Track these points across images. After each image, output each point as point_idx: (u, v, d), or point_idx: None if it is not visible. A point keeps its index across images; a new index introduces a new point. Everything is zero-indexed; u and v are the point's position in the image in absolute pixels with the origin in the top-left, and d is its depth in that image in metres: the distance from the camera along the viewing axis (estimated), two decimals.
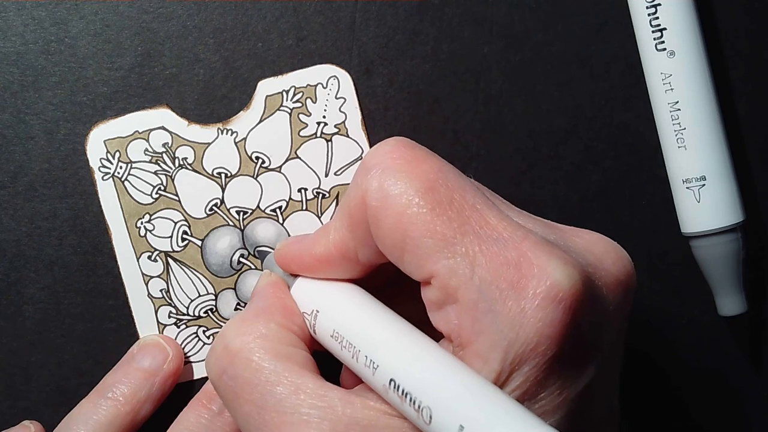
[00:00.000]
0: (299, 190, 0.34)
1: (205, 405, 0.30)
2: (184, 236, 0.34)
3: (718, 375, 0.35)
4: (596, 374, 0.23)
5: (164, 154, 0.33)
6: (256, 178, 0.34)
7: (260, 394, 0.24)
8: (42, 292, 0.34)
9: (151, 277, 0.33)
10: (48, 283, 0.34)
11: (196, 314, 0.34)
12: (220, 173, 0.34)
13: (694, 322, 0.35)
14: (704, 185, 0.33)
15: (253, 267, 0.34)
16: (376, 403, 0.23)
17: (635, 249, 0.25)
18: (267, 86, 0.34)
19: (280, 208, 0.34)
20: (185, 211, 0.34)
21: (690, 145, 0.33)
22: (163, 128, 0.34)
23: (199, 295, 0.34)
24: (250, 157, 0.34)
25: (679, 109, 0.33)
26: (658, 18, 0.33)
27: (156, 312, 0.33)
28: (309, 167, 0.34)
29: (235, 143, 0.34)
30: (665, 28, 0.33)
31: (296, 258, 0.28)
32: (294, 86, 0.34)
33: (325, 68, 0.34)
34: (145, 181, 0.33)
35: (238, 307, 0.34)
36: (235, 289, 0.34)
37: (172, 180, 0.33)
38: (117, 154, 0.33)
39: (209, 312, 0.34)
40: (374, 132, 0.34)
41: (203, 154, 0.34)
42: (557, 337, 0.22)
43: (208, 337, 0.34)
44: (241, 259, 0.34)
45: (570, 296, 0.22)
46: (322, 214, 0.34)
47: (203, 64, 0.34)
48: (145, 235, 0.33)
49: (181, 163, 0.34)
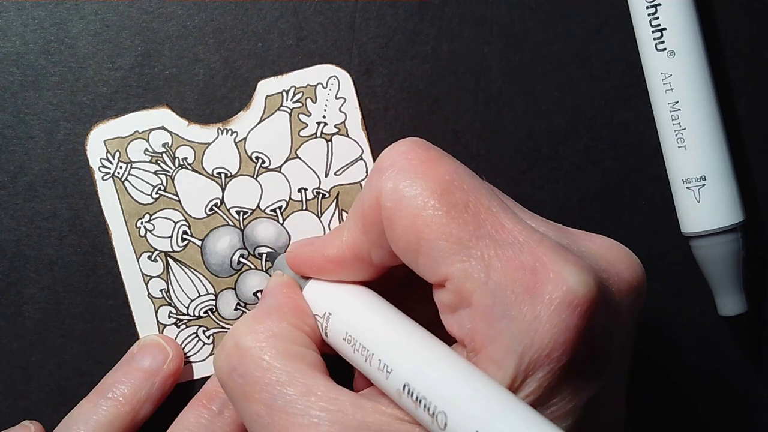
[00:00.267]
0: (299, 190, 0.34)
1: (205, 405, 0.30)
2: (184, 236, 0.34)
3: (718, 375, 0.35)
4: (607, 379, 0.23)
5: (164, 154, 0.33)
6: (256, 178, 0.34)
7: (270, 394, 0.24)
8: (42, 292, 0.34)
9: (151, 277, 0.33)
10: (48, 283, 0.34)
11: (196, 314, 0.34)
12: (220, 173, 0.34)
13: (694, 322, 0.35)
14: (704, 185, 0.33)
15: (253, 267, 0.34)
16: (388, 408, 0.23)
17: (635, 249, 0.25)
18: (267, 86, 0.34)
19: (280, 208, 0.34)
20: (185, 211, 0.34)
21: (690, 145, 0.33)
22: (163, 128, 0.34)
23: (199, 295, 0.34)
24: (250, 157, 0.34)
25: (679, 109, 0.33)
26: (658, 18, 0.33)
27: (156, 312, 0.33)
28: (309, 167, 0.34)
29: (235, 143, 0.34)
30: (665, 28, 0.33)
31: (308, 260, 0.28)
32: (294, 86, 0.34)
33: (325, 68, 0.34)
34: (145, 181, 0.33)
35: (238, 307, 0.34)
36: (235, 289, 0.34)
37: (172, 180, 0.33)
38: (117, 154, 0.33)
39: (209, 312, 0.34)
40: (374, 132, 0.34)
41: (203, 154, 0.34)
42: (572, 343, 0.21)
43: (208, 337, 0.34)
44: (241, 259, 0.34)
45: (585, 302, 0.22)
46: (322, 214, 0.34)
47: (203, 64, 0.34)
48: (145, 235, 0.33)
49: (181, 163, 0.33)
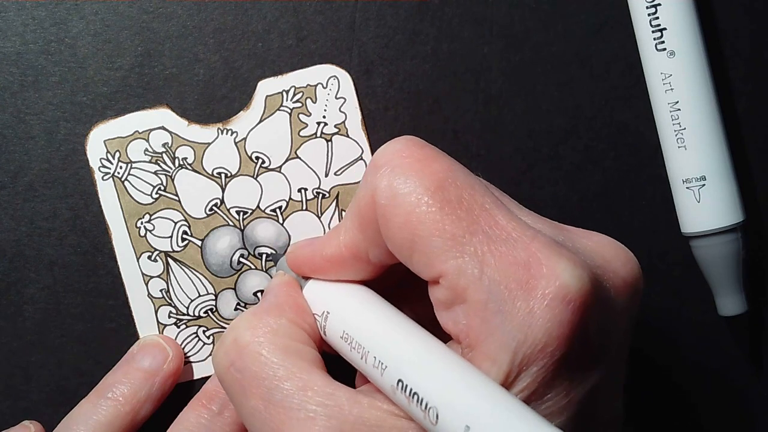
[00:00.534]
0: (299, 190, 0.34)
1: (205, 405, 0.30)
2: (184, 236, 0.34)
3: (718, 375, 0.35)
4: (603, 376, 0.23)
5: (164, 154, 0.33)
6: (256, 178, 0.34)
7: (267, 389, 0.24)
8: (42, 292, 0.34)
9: (151, 277, 0.33)
10: (48, 283, 0.34)
11: (196, 314, 0.34)
12: (220, 173, 0.34)
13: (694, 322, 0.35)
14: (704, 185, 0.33)
15: (252, 267, 0.34)
16: (384, 404, 0.23)
17: (635, 249, 0.25)
18: (267, 86, 0.34)
19: (280, 208, 0.34)
20: (185, 211, 0.34)
21: (690, 145, 0.33)
22: (163, 128, 0.34)
23: (199, 295, 0.34)
24: (250, 157, 0.34)
25: (679, 109, 0.33)
26: (658, 18, 0.33)
27: (156, 312, 0.33)
28: (309, 167, 0.34)
29: (235, 143, 0.34)
30: (665, 28, 0.33)
31: (308, 260, 0.28)
32: (294, 86, 0.34)
33: (325, 68, 0.34)
34: (145, 181, 0.33)
35: (238, 307, 0.34)
36: (235, 289, 0.34)
37: (172, 180, 0.33)
38: (117, 154, 0.33)
39: (209, 312, 0.34)
40: (374, 132, 0.34)
41: (203, 154, 0.34)
42: (565, 338, 0.22)
43: (208, 337, 0.34)
44: (241, 259, 0.34)
45: (579, 297, 0.22)
46: (322, 214, 0.34)
47: (203, 64, 0.34)
48: (145, 235, 0.33)
49: (181, 163, 0.33)
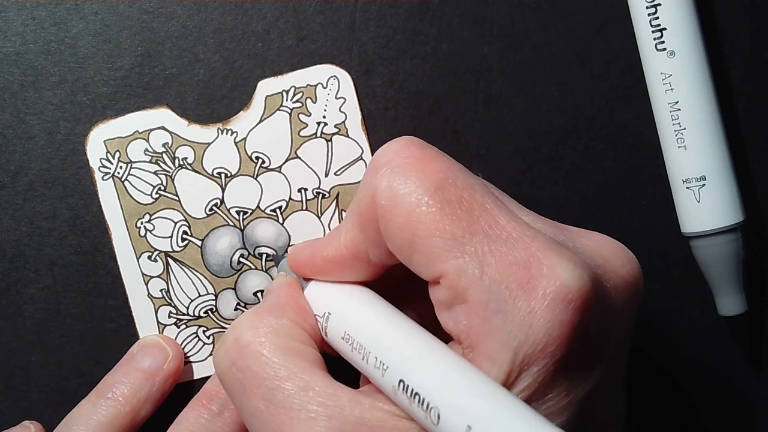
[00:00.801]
0: (299, 190, 0.34)
1: (205, 405, 0.30)
2: (184, 236, 0.34)
3: (718, 375, 0.35)
4: (603, 376, 0.23)
5: (164, 154, 0.33)
6: (256, 178, 0.34)
7: (268, 389, 0.24)
8: (42, 292, 0.34)
9: (151, 277, 0.33)
10: (48, 283, 0.34)
11: (196, 314, 0.34)
12: (220, 173, 0.34)
13: (694, 322, 0.35)
14: (704, 185, 0.33)
15: (252, 267, 0.34)
16: (385, 404, 0.23)
17: (635, 249, 0.25)
18: (267, 86, 0.34)
19: (280, 208, 0.34)
20: (185, 211, 0.34)
21: (690, 145, 0.33)
22: (163, 128, 0.34)
23: (199, 295, 0.34)
24: (250, 157, 0.34)
25: (679, 109, 0.33)
26: (658, 18, 0.33)
27: (156, 312, 0.33)
28: (309, 167, 0.34)
29: (235, 143, 0.34)
30: (665, 28, 0.33)
31: (308, 261, 0.28)
32: (294, 86, 0.34)
33: (325, 68, 0.34)
34: (145, 181, 0.33)
35: (238, 307, 0.34)
36: (235, 289, 0.34)
37: (172, 180, 0.33)
38: (117, 154, 0.33)
39: (209, 312, 0.34)
40: (374, 132, 0.34)
41: (203, 154, 0.34)
42: (566, 338, 0.22)
43: (208, 337, 0.34)
44: (241, 259, 0.34)
45: (579, 297, 0.22)
46: (322, 214, 0.34)
47: (203, 64, 0.34)
48: (145, 235, 0.33)
49: (181, 163, 0.33)
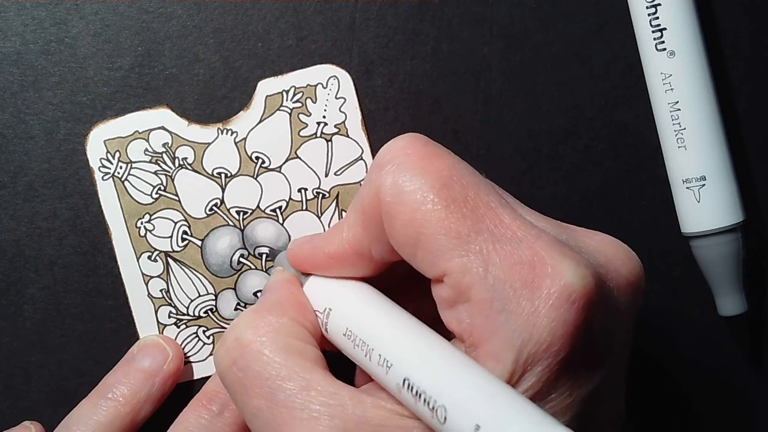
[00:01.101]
0: (299, 190, 0.34)
1: (205, 405, 0.30)
2: (184, 236, 0.34)
3: (718, 375, 0.35)
4: (606, 375, 0.23)
5: (164, 154, 0.33)
6: (256, 178, 0.34)
7: (270, 389, 0.24)
8: (42, 292, 0.34)
9: (151, 277, 0.33)
10: (48, 283, 0.34)
11: (196, 314, 0.34)
12: (220, 173, 0.34)
13: (694, 322, 0.35)
14: (704, 185, 0.33)
15: (253, 267, 0.34)
16: (388, 403, 0.23)
17: (635, 249, 0.25)
18: (267, 86, 0.34)
19: (280, 208, 0.34)
20: (185, 211, 0.34)
21: (690, 145, 0.33)
22: (163, 128, 0.33)
23: (199, 295, 0.34)
24: (250, 157, 0.34)
25: (679, 109, 0.33)
26: (658, 18, 0.33)
27: (156, 312, 0.33)
28: (309, 167, 0.34)
29: (235, 143, 0.34)
30: (665, 28, 0.33)
31: (309, 256, 0.28)
32: (294, 86, 0.34)
33: (325, 68, 0.34)
34: (145, 181, 0.33)
35: (238, 307, 0.34)
36: (235, 289, 0.34)
37: (172, 180, 0.33)
38: (117, 154, 0.33)
39: (209, 312, 0.34)
40: (374, 132, 0.34)
41: (203, 154, 0.34)
42: (570, 338, 0.22)
43: (208, 337, 0.34)
44: (241, 259, 0.34)
45: (583, 297, 0.22)
46: (322, 214, 0.34)
47: (203, 64, 0.34)
48: (145, 235, 0.33)
49: (181, 163, 0.33)
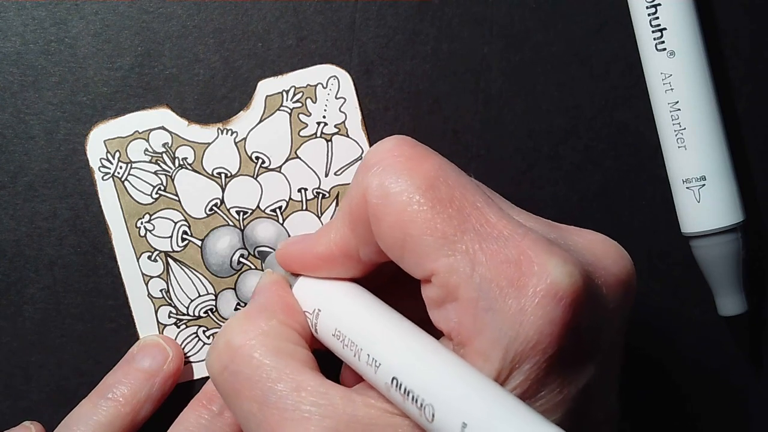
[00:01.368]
0: (299, 190, 0.34)
1: (205, 405, 0.30)
2: (184, 236, 0.34)
3: (718, 375, 0.35)
4: (596, 373, 0.23)
5: (164, 154, 0.33)
6: (256, 178, 0.34)
7: (261, 391, 0.24)
8: (42, 292, 0.34)
9: (151, 277, 0.33)
10: (48, 283, 0.34)
11: (196, 314, 0.34)
12: (220, 173, 0.34)
13: (694, 322, 0.35)
14: (704, 185, 0.33)
15: (253, 267, 0.34)
16: (378, 402, 0.23)
17: (635, 249, 0.25)
18: (267, 86, 0.34)
19: (280, 208, 0.34)
20: (185, 211, 0.34)
21: (690, 145, 0.33)
22: (163, 128, 0.34)
23: (199, 295, 0.34)
24: (250, 157, 0.34)
25: (679, 109, 0.33)
26: (658, 18, 0.33)
27: (156, 312, 0.33)
28: (309, 167, 0.34)
29: (235, 143, 0.34)
30: (665, 28, 0.33)
31: (298, 257, 0.28)
32: (294, 86, 0.34)
33: (325, 68, 0.34)
34: (145, 181, 0.33)
35: (238, 307, 0.34)
36: (235, 289, 0.34)
37: (172, 180, 0.33)
38: (117, 154, 0.33)
39: (209, 312, 0.34)
40: (374, 132, 0.34)
41: (203, 154, 0.34)
42: (557, 336, 0.22)
43: (208, 337, 0.34)
44: (241, 259, 0.34)
45: (570, 294, 0.22)
46: (322, 214, 0.34)
47: (203, 64, 0.34)
48: (145, 235, 0.33)
49: (181, 163, 0.33)
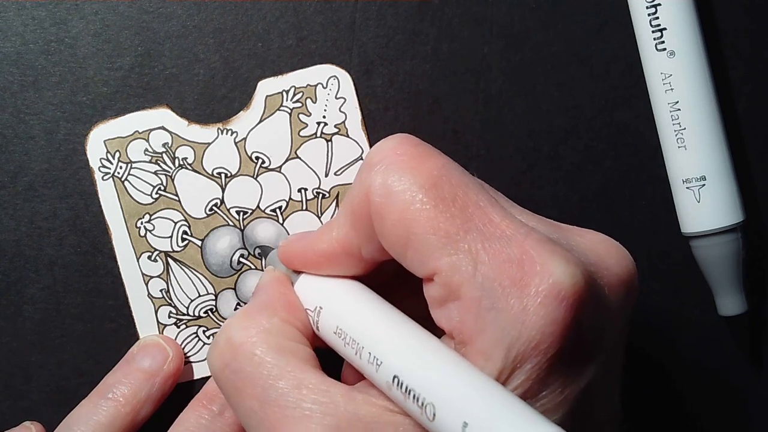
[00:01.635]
0: (299, 190, 0.34)
1: (206, 405, 0.30)
2: (184, 236, 0.34)
3: (718, 375, 0.35)
4: (598, 373, 0.23)
5: (164, 154, 0.33)
6: (256, 178, 0.34)
7: (262, 389, 0.24)
8: (42, 292, 0.34)
9: (151, 277, 0.33)
10: (48, 283, 0.34)
11: (196, 314, 0.34)
12: (220, 173, 0.34)
13: (694, 322, 0.35)
14: (704, 185, 0.33)
15: (253, 267, 0.34)
16: (379, 400, 0.23)
17: (635, 249, 0.25)
18: (267, 86, 0.34)
19: (280, 208, 0.34)
20: (185, 211, 0.34)
21: (690, 145, 0.33)
22: (163, 128, 0.34)
23: (199, 295, 0.34)
24: (250, 157, 0.34)
25: (679, 109, 0.33)
26: (658, 18, 0.33)
27: (156, 312, 0.33)
28: (309, 167, 0.34)
29: (235, 143, 0.34)
30: (665, 28, 0.33)
31: (300, 255, 0.28)
32: (294, 86, 0.34)
33: (325, 68, 0.34)
34: (145, 181, 0.33)
35: (238, 307, 0.34)
36: (235, 289, 0.34)
37: (172, 180, 0.33)
38: (117, 154, 0.33)
39: (209, 312, 0.34)
40: (374, 132, 0.34)
41: (203, 154, 0.34)
42: (559, 335, 0.22)
43: (208, 337, 0.34)
44: (241, 259, 0.34)
45: (572, 294, 0.22)
46: (322, 214, 0.34)
47: (203, 64, 0.34)
48: (145, 235, 0.33)
49: (181, 163, 0.33)
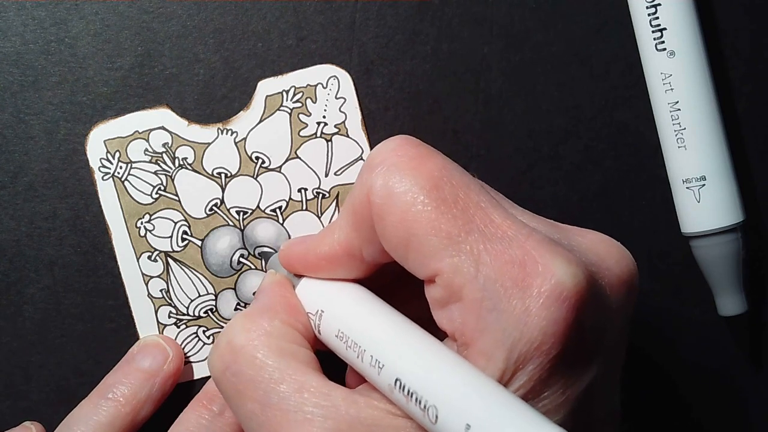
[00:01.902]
0: (299, 190, 0.34)
1: (206, 405, 0.30)
2: (184, 236, 0.34)
3: (718, 375, 0.35)
4: (598, 373, 0.23)
5: (164, 154, 0.33)
6: (256, 178, 0.34)
7: (263, 392, 0.24)
8: (42, 292, 0.34)
9: (151, 277, 0.33)
10: (48, 283, 0.34)
11: (196, 314, 0.34)
12: (220, 173, 0.34)
13: (694, 322, 0.35)
14: (704, 185, 0.33)
15: (253, 267, 0.34)
16: (380, 403, 0.23)
17: (635, 249, 0.25)
18: (267, 86, 0.34)
19: (280, 208, 0.34)
20: (185, 211, 0.34)
21: (690, 145, 0.33)
22: (163, 128, 0.33)
23: (199, 295, 0.34)
24: (250, 157, 0.34)
25: (679, 109, 0.33)
26: (658, 18, 0.33)
27: (156, 312, 0.33)
28: (309, 167, 0.34)
29: (235, 143, 0.34)
30: (665, 28, 0.33)
31: (301, 258, 0.28)
32: (294, 86, 0.34)
33: (325, 68, 0.34)
34: (145, 181, 0.33)
35: (238, 307, 0.34)
36: (235, 289, 0.34)
37: (172, 180, 0.33)
38: (117, 154, 0.33)
39: (209, 312, 0.34)
40: (374, 132, 0.34)
41: (203, 154, 0.34)
42: (561, 336, 0.22)
43: (208, 338, 0.34)
44: (241, 259, 0.34)
45: (574, 295, 0.22)
46: (322, 214, 0.34)
47: (203, 64, 0.34)
48: (145, 235, 0.33)
49: (181, 163, 0.33)
